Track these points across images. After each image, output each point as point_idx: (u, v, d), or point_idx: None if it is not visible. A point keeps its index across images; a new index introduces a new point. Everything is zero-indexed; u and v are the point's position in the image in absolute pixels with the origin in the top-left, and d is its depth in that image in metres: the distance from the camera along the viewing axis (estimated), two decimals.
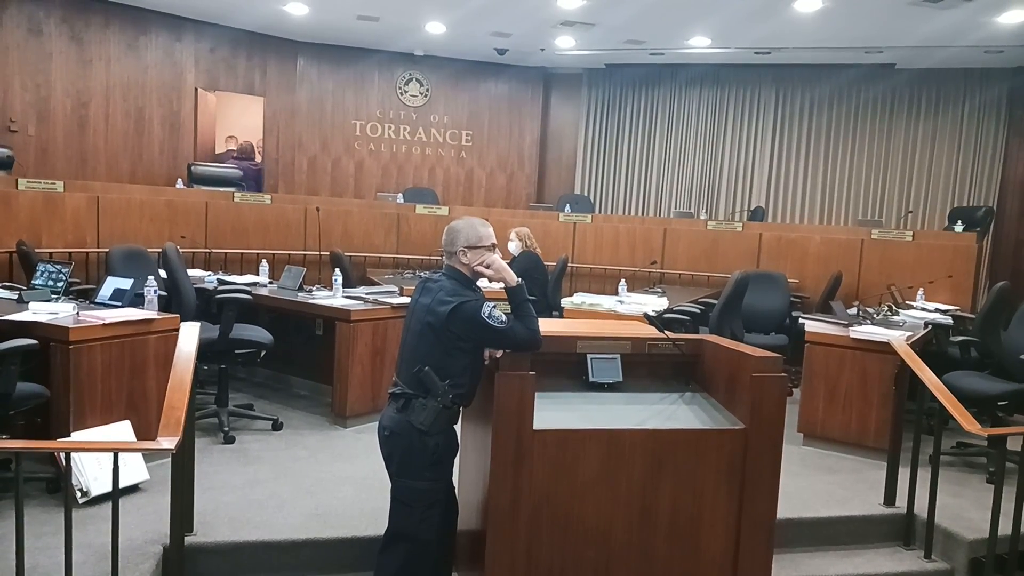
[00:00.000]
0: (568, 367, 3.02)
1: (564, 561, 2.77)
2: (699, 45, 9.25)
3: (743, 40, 8.96)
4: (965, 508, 3.88)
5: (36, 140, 8.30)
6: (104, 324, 3.67)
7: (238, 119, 9.92)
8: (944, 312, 6.21)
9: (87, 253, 6.43)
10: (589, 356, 3.02)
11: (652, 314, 3.43)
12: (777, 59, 9.67)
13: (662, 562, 2.83)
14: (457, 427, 2.85)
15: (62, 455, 3.28)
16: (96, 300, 4.35)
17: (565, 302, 5.83)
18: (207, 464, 4.01)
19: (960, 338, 5.10)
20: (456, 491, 3.00)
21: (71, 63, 8.48)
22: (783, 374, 2.85)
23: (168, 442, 2.50)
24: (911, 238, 7.30)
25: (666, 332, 3.06)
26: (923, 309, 6.29)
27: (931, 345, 5.40)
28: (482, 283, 2.87)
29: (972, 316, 6.25)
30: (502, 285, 2.74)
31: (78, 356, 3.55)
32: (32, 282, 4.58)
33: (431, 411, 2.63)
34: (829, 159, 10.26)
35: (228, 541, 3.21)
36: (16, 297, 4.23)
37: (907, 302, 6.42)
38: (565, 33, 9.05)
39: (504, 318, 2.64)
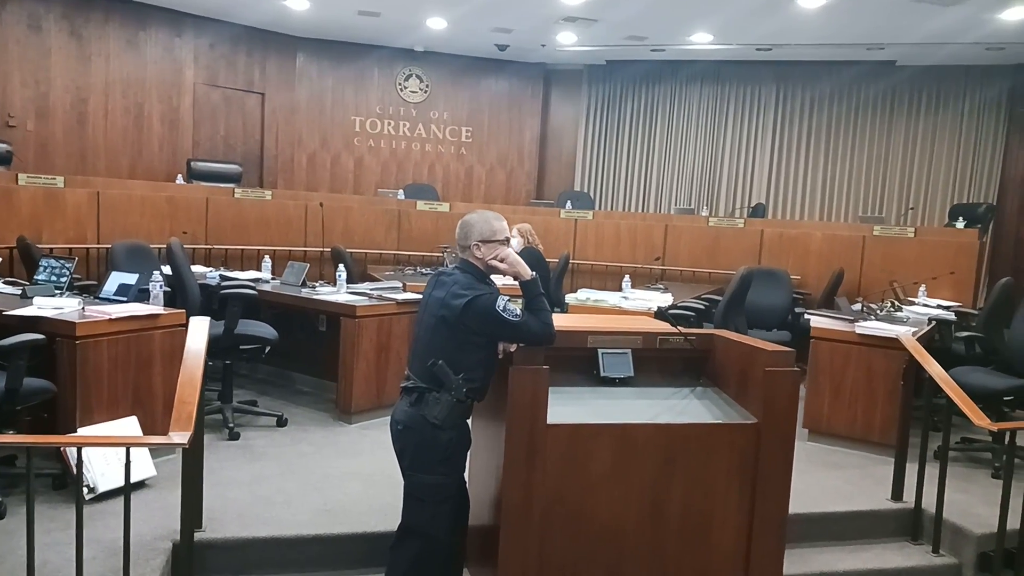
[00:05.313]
0: (579, 362, 3.00)
1: (576, 557, 2.76)
2: (701, 41, 9.23)
3: (745, 36, 8.94)
4: (972, 503, 3.88)
5: (35, 136, 8.26)
6: (110, 319, 3.65)
7: None
8: (946, 308, 6.22)
9: (87, 249, 6.41)
10: (600, 351, 3.01)
11: (663, 309, 3.42)
12: (778, 56, 9.65)
13: (674, 558, 2.83)
14: (468, 422, 2.83)
15: (70, 451, 3.27)
16: (100, 295, 4.33)
17: (569, 298, 5.82)
18: (213, 460, 3.98)
19: (965, 334, 5.11)
20: (467, 486, 2.98)
21: (71, 59, 8.44)
22: (795, 368, 2.85)
23: (180, 437, 2.48)
24: (913, 234, 7.31)
25: (679, 327, 3.05)
26: (925, 305, 6.29)
27: (935, 341, 5.40)
28: (495, 277, 2.86)
29: (974, 312, 6.26)
30: (514, 280, 2.73)
31: (84, 351, 3.53)
32: (35, 277, 4.56)
33: (445, 405, 2.62)
34: (830, 156, 10.26)
35: (237, 537, 3.19)
36: (20, 292, 4.20)
37: (909, 298, 6.42)
38: (567, 29, 9.03)
39: (518, 312, 2.63)
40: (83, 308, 3.77)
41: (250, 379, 5.78)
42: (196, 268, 6.05)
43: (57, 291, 4.26)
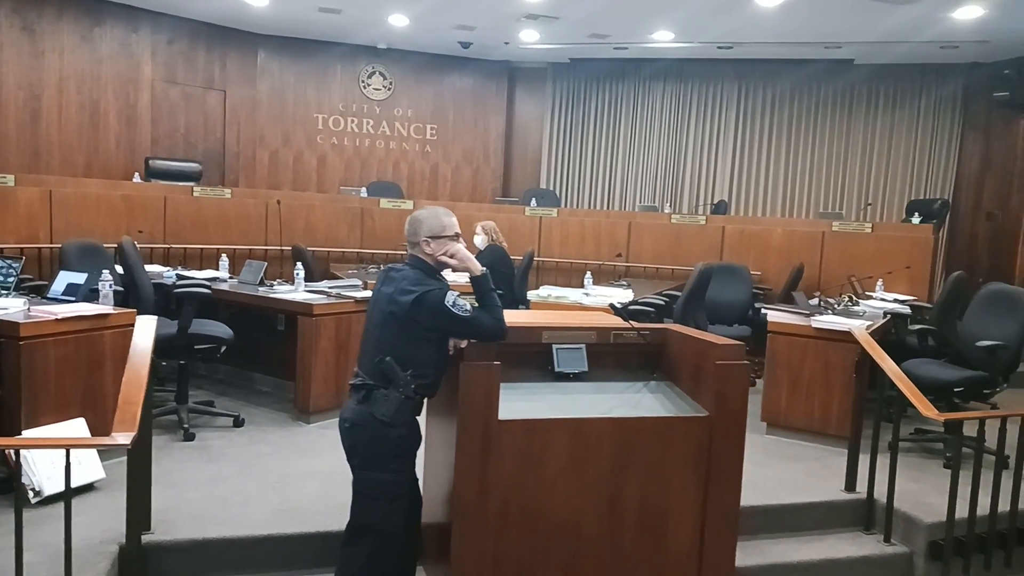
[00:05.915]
0: (533, 357, 3.00)
1: (533, 553, 2.76)
2: (662, 39, 9.29)
3: (706, 34, 9.02)
4: (924, 493, 3.95)
5: None
6: (57, 319, 3.56)
7: None
8: (902, 302, 6.33)
9: (40, 249, 6.27)
10: (554, 346, 3.01)
11: (618, 305, 3.43)
12: (739, 54, 9.75)
13: (630, 551, 2.84)
14: (421, 419, 2.81)
15: (13, 453, 3.19)
16: (48, 295, 4.23)
17: (531, 295, 5.83)
18: (168, 461, 3.93)
19: (918, 327, 5.20)
20: (420, 484, 2.96)
21: (23, 54, 8.23)
22: (746, 361, 2.87)
23: (123, 437, 2.44)
24: (870, 230, 7.44)
25: (631, 321, 3.06)
26: (882, 299, 6.40)
27: (890, 334, 5.49)
28: (447, 274, 2.84)
29: (929, 306, 6.38)
30: (467, 276, 2.72)
31: (30, 352, 3.44)
32: None
33: (393, 402, 2.60)
34: (790, 153, 10.39)
35: (192, 538, 3.14)
36: None
37: (867, 293, 6.53)
38: (529, 27, 9.03)
39: (469, 307, 2.61)
40: (28, 308, 3.68)
41: (209, 379, 5.69)
42: (153, 267, 5.97)
43: (3, 291, 4.15)
